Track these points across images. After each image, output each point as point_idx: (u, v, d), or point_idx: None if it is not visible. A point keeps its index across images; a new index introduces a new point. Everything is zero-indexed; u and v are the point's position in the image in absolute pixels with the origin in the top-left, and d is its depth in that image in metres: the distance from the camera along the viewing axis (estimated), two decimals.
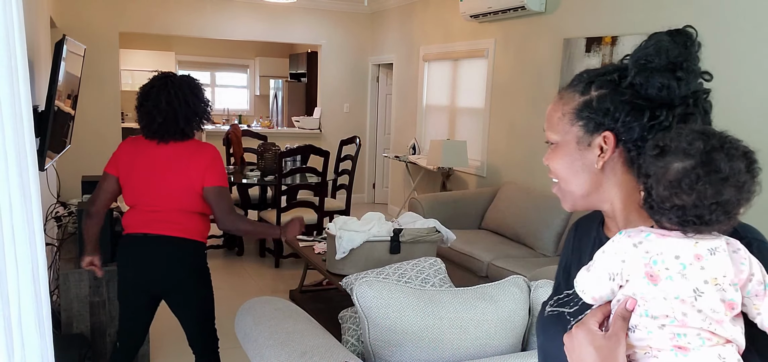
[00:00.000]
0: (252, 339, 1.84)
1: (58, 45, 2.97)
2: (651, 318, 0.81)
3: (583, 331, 0.87)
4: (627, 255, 0.83)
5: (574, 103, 0.98)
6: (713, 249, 0.80)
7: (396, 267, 2.38)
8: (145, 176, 2.34)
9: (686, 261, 0.79)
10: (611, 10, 4.12)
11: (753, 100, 3.26)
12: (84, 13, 6.44)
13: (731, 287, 0.79)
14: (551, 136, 1.01)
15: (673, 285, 0.79)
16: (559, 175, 1.00)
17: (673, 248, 0.80)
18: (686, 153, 0.82)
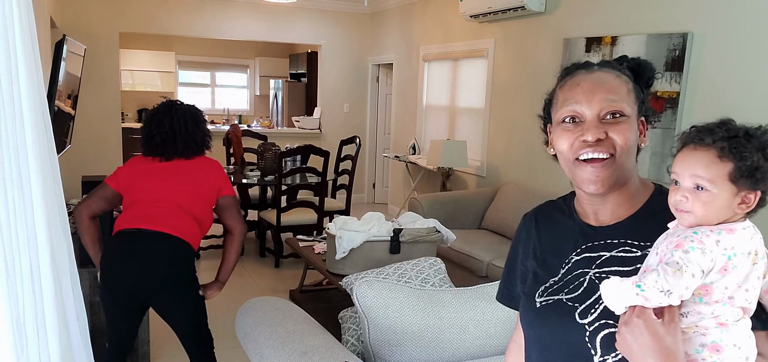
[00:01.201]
0: (252, 339, 1.84)
1: (58, 45, 2.97)
2: (705, 305, 0.92)
3: (644, 320, 0.92)
4: (713, 252, 0.91)
5: (631, 83, 1.09)
6: (752, 234, 0.94)
7: (396, 267, 2.38)
8: (147, 180, 2.41)
9: (746, 250, 0.92)
10: (611, 10, 4.12)
11: (753, 100, 3.26)
12: (84, 13, 6.44)
13: (761, 260, 0.93)
14: (625, 107, 1.05)
15: (736, 275, 0.91)
16: (625, 146, 1.04)
17: (739, 242, 0.92)
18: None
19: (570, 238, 1.15)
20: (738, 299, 0.92)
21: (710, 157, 0.93)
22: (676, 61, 3.61)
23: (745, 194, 0.92)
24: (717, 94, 3.44)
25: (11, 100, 0.98)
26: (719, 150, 0.93)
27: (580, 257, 1.11)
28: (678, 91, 3.60)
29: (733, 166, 0.92)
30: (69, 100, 3.44)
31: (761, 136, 0.93)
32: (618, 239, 1.09)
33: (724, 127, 0.95)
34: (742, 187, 0.92)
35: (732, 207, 0.93)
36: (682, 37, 3.57)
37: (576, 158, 1.06)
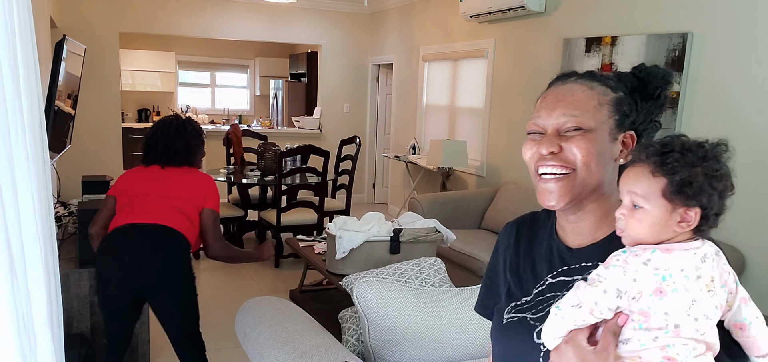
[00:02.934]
0: (252, 339, 1.84)
1: (58, 45, 2.97)
2: (645, 331, 0.85)
3: (572, 346, 0.88)
4: (638, 273, 0.85)
5: (611, 95, 1.04)
6: (704, 257, 0.86)
7: (396, 267, 2.38)
8: (142, 184, 2.49)
9: (689, 273, 0.84)
10: (611, 10, 4.12)
11: (753, 100, 3.26)
12: (84, 13, 6.44)
13: (720, 289, 0.85)
14: (585, 121, 1.01)
15: (677, 298, 0.83)
16: (585, 161, 1.00)
17: (678, 262, 0.85)
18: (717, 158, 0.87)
19: (547, 259, 1.12)
20: (685, 329, 0.84)
21: (644, 173, 0.89)
22: (676, 61, 3.61)
23: (684, 212, 0.86)
24: (717, 94, 3.44)
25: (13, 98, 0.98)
26: (652, 165, 0.88)
27: (556, 280, 1.08)
28: (678, 91, 3.60)
29: (665, 182, 0.86)
30: (69, 100, 3.44)
31: (698, 150, 0.86)
32: (592, 261, 1.04)
33: (662, 142, 0.90)
34: (678, 204, 0.86)
35: (670, 225, 0.87)
36: (682, 37, 3.57)
37: (536, 171, 1.04)
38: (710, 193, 0.85)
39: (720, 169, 0.85)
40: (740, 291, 0.89)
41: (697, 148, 0.86)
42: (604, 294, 0.86)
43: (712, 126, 3.46)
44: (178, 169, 2.56)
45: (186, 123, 2.62)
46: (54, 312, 1.10)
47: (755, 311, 0.90)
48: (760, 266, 3.25)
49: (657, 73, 1.07)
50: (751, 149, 3.26)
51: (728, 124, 3.38)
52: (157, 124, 2.61)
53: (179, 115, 2.66)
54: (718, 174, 0.85)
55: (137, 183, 2.51)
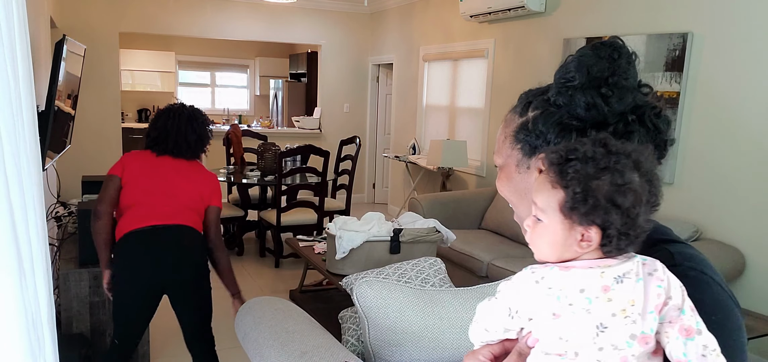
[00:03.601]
0: (252, 339, 1.84)
1: (58, 45, 2.97)
2: (544, 354, 0.75)
3: (472, 361, 0.83)
4: (530, 293, 0.75)
5: (514, 124, 0.92)
6: (621, 277, 0.72)
7: (396, 267, 2.37)
8: (152, 180, 2.47)
9: (592, 294, 0.72)
10: (611, 10, 4.12)
11: (754, 100, 3.26)
12: (84, 13, 6.44)
13: (643, 317, 0.71)
14: (496, 159, 0.95)
15: (574, 322, 0.72)
16: (508, 199, 0.94)
17: (577, 282, 0.73)
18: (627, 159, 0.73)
19: None
20: (586, 358, 0.72)
21: (544, 182, 0.76)
22: (676, 61, 3.61)
23: (584, 230, 0.73)
24: (717, 94, 3.44)
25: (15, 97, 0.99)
26: (553, 175, 0.75)
27: None
28: (678, 91, 3.60)
29: (563, 196, 0.73)
30: (69, 100, 3.44)
31: (603, 160, 0.72)
32: None
33: (568, 147, 0.76)
34: (575, 221, 0.73)
35: (570, 244, 0.74)
36: (682, 37, 3.57)
37: None
38: (607, 210, 0.71)
39: (625, 183, 0.71)
40: (684, 319, 0.72)
41: (603, 156, 0.72)
42: (497, 310, 0.79)
43: (712, 126, 3.46)
44: (187, 162, 2.56)
45: (197, 113, 2.61)
46: (52, 311, 1.10)
47: (701, 348, 0.72)
48: (760, 266, 3.25)
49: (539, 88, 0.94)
50: (751, 149, 3.26)
51: (728, 124, 3.38)
52: (166, 114, 2.55)
53: (185, 105, 2.63)
54: (621, 188, 0.71)
55: (148, 177, 2.47)
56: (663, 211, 2.53)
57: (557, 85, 0.86)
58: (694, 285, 0.75)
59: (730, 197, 3.38)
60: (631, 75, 0.85)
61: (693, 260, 0.81)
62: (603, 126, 0.83)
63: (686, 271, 0.77)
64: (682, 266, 0.78)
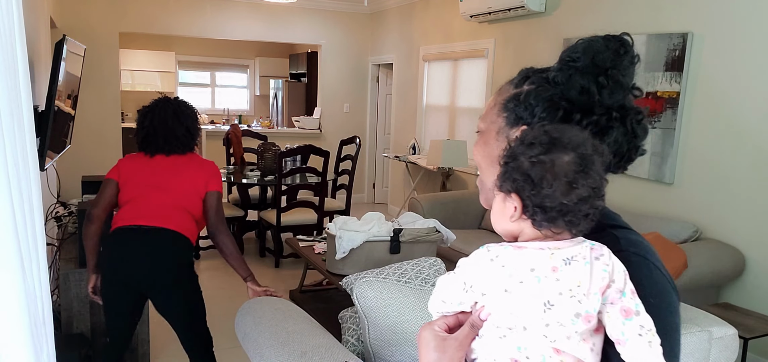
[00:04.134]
0: (252, 339, 1.84)
1: (58, 45, 2.97)
2: (495, 327, 0.79)
3: (428, 331, 0.85)
4: (483, 268, 0.80)
5: (506, 94, 0.96)
6: (569, 259, 0.76)
7: (396, 267, 2.37)
8: (146, 177, 2.45)
9: (541, 273, 0.76)
10: (611, 10, 4.12)
11: (753, 100, 3.26)
12: (84, 13, 6.44)
13: (587, 297, 0.75)
14: (480, 124, 0.98)
15: (523, 297, 0.76)
16: (478, 164, 0.97)
17: (528, 261, 0.77)
18: (566, 146, 0.77)
19: None
20: (534, 332, 0.76)
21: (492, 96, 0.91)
22: (676, 61, 3.61)
23: (508, 198, 0.80)
24: (717, 94, 3.44)
25: (14, 96, 0.99)
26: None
27: None
28: (678, 91, 3.60)
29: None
30: (69, 100, 3.44)
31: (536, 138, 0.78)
32: None
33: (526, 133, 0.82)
34: (502, 191, 0.81)
35: (506, 215, 0.81)
36: (682, 37, 3.57)
37: None
38: (516, 180, 0.78)
39: (539, 160, 0.76)
40: (625, 301, 0.76)
41: (538, 137, 0.78)
42: (454, 284, 0.83)
43: (712, 126, 3.46)
44: (181, 156, 2.51)
45: (182, 106, 2.54)
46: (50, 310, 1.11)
47: (638, 328, 0.76)
48: (760, 266, 3.25)
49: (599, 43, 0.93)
50: (751, 149, 3.26)
51: (728, 124, 3.38)
52: (149, 112, 2.47)
53: (169, 98, 2.56)
54: (535, 161, 0.76)
55: (143, 174, 2.46)
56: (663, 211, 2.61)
57: (561, 61, 0.91)
58: (636, 269, 0.80)
59: (730, 197, 3.38)
60: (629, 74, 0.88)
61: (637, 246, 0.85)
62: (589, 114, 0.86)
63: (630, 256, 0.82)
64: (626, 251, 0.83)
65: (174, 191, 2.45)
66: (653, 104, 3.77)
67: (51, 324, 1.10)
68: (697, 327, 1.85)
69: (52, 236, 3.59)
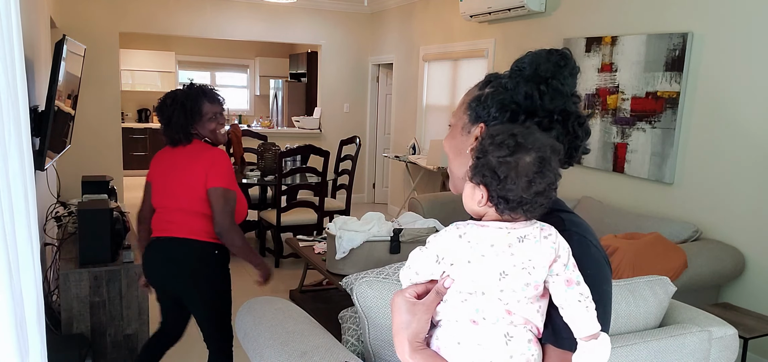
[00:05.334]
0: (252, 339, 1.84)
1: (58, 45, 2.97)
2: (458, 292, 0.93)
3: (400, 297, 0.99)
4: (453, 243, 0.94)
5: (472, 95, 1.10)
6: (522, 237, 0.91)
7: (396, 267, 2.37)
8: (161, 179, 2.50)
9: (499, 248, 0.90)
10: (611, 10, 4.12)
11: (753, 100, 3.26)
12: (84, 13, 6.43)
13: (536, 269, 0.90)
14: (451, 118, 1.13)
15: (483, 267, 0.90)
16: (447, 153, 1.13)
17: (489, 237, 0.91)
18: (529, 149, 0.90)
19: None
20: (491, 296, 0.91)
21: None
22: (676, 61, 3.61)
23: (477, 188, 0.95)
24: (717, 94, 3.44)
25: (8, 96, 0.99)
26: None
27: None
28: (678, 91, 3.60)
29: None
30: (69, 100, 3.44)
31: (504, 141, 0.92)
32: None
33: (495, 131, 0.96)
34: (472, 181, 0.95)
35: (475, 200, 0.95)
36: (682, 37, 3.57)
37: None
38: (486, 176, 0.91)
39: (505, 159, 0.90)
40: (567, 273, 0.91)
41: (505, 140, 0.91)
42: (426, 257, 0.97)
43: (712, 126, 3.46)
44: (186, 146, 2.44)
45: (182, 88, 2.47)
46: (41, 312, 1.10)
47: (578, 295, 0.90)
48: (760, 266, 3.25)
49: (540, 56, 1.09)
50: (751, 149, 3.26)
51: (728, 124, 3.38)
52: (166, 100, 2.47)
53: (191, 85, 2.50)
54: (502, 161, 0.90)
55: (158, 173, 2.50)
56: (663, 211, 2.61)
57: (511, 70, 1.07)
58: (576, 245, 0.95)
59: (730, 197, 3.38)
60: (569, 84, 1.04)
61: (578, 226, 1.01)
62: (533, 115, 1.02)
63: (572, 235, 0.97)
64: (569, 231, 0.98)
65: (173, 193, 2.44)
66: (653, 104, 3.77)
67: (40, 325, 1.09)
68: (697, 327, 1.85)
69: (52, 236, 3.59)
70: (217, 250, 2.47)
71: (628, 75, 3.92)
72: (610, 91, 4.07)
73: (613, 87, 4.04)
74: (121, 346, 3.05)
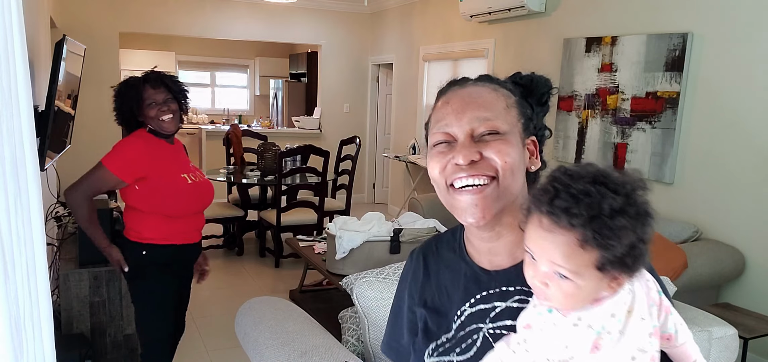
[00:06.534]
0: (252, 339, 1.84)
1: (58, 45, 2.97)
2: None
3: None
4: (570, 338, 0.78)
5: (514, 98, 0.97)
6: (631, 289, 0.80)
7: (396, 267, 2.37)
8: None
9: (621, 315, 0.78)
10: (611, 10, 4.12)
11: (753, 100, 3.25)
12: (84, 13, 6.43)
13: (652, 310, 0.80)
14: (500, 124, 0.92)
15: (613, 348, 0.77)
16: (508, 167, 0.90)
17: (609, 310, 0.78)
18: (647, 212, 0.80)
19: (462, 285, 1.01)
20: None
21: (570, 245, 0.75)
22: (676, 61, 3.61)
23: (617, 275, 0.77)
24: (717, 94, 3.44)
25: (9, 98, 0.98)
26: (581, 236, 0.74)
27: (474, 309, 0.97)
28: (678, 91, 3.60)
29: (598, 255, 0.74)
30: (69, 100, 3.44)
31: (627, 206, 0.76)
32: (513, 286, 0.95)
33: (584, 201, 0.75)
34: (611, 272, 0.76)
35: (600, 289, 0.78)
36: (682, 37, 3.57)
37: (450, 184, 0.93)
38: (644, 252, 0.77)
39: (649, 222, 0.77)
40: (664, 301, 0.83)
41: (625, 205, 0.75)
42: (554, 345, 0.79)
43: (712, 126, 3.46)
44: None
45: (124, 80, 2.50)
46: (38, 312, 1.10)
47: (679, 317, 0.84)
48: (761, 266, 3.24)
49: (540, 79, 1.02)
50: (751, 149, 3.26)
51: (728, 124, 3.38)
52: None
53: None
54: (648, 227, 0.77)
55: None
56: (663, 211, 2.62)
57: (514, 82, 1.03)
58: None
59: (730, 197, 3.38)
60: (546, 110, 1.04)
61: None
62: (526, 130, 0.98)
63: None
64: None
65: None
66: (653, 104, 3.77)
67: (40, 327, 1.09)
68: (698, 327, 1.85)
69: (52, 236, 3.59)
70: (145, 251, 2.31)
71: (628, 75, 3.92)
72: (610, 91, 4.07)
73: (613, 87, 4.04)
74: (121, 346, 3.05)
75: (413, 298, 1.08)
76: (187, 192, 2.35)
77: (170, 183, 2.32)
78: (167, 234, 2.33)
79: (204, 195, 2.45)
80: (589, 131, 4.26)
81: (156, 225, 2.32)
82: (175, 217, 2.33)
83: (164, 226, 2.32)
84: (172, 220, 2.33)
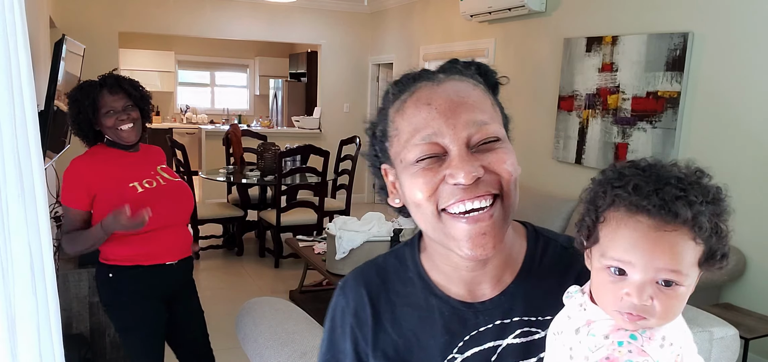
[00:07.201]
0: (252, 339, 1.83)
1: (57, 45, 2.96)
2: None
3: None
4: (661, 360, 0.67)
5: (492, 97, 0.80)
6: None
7: None
8: None
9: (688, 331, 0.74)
10: (611, 9, 4.12)
11: (753, 100, 3.25)
12: (84, 13, 6.43)
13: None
14: (498, 128, 0.75)
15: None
16: (513, 179, 0.74)
17: (681, 324, 0.72)
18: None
19: (440, 328, 0.80)
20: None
21: (685, 240, 0.65)
22: (676, 61, 3.61)
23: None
24: (717, 94, 3.44)
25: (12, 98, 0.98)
26: (691, 229, 0.65)
27: (467, 354, 0.78)
28: (678, 91, 3.60)
29: (705, 249, 0.66)
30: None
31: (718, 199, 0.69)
32: (509, 318, 0.79)
33: (693, 187, 0.67)
34: (703, 268, 0.67)
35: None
36: (683, 37, 3.56)
37: (442, 210, 0.74)
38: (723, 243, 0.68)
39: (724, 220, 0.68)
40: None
41: (717, 194, 0.69)
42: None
43: (713, 126, 3.46)
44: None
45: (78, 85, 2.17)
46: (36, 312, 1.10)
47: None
48: (761, 266, 3.24)
49: (486, 68, 0.83)
50: (752, 149, 3.26)
51: (728, 124, 3.38)
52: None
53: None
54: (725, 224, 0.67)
55: None
56: None
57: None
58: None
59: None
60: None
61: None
62: None
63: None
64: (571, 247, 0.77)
65: None
66: (654, 104, 3.76)
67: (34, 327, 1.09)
68: (698, 328, 1.85)
69: (52, 236, 3.59)
70: (111, 273, 2.03)
71: (629, 75, 3.91)
72: (610, 90, 4.07)
73: (614, 87, 4.03)
74: (121, 346, 3.05)
75: (362, 347, 0.83)
76: (137, 202, 1.95)
77: (115, 195, 2.00)
78: (131, 254, 2.03)
79: (170, 204, 2.10)
80: (590, 131, 4.25)
81: (115, 245, 2.01)
82: (131, 235, 1.98)
83: (125, 246, 2.01)
84: (131, 238, 2.00)
